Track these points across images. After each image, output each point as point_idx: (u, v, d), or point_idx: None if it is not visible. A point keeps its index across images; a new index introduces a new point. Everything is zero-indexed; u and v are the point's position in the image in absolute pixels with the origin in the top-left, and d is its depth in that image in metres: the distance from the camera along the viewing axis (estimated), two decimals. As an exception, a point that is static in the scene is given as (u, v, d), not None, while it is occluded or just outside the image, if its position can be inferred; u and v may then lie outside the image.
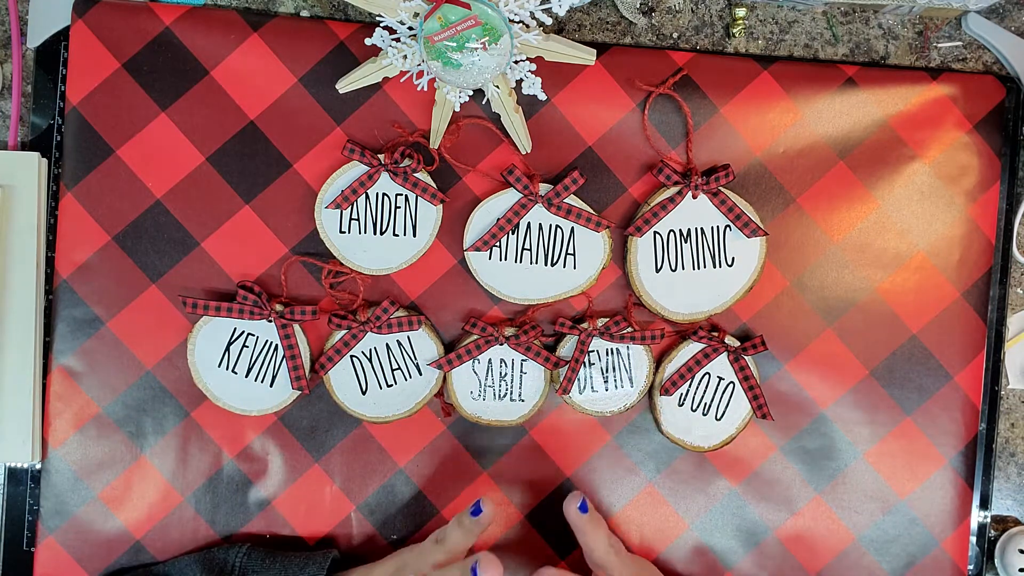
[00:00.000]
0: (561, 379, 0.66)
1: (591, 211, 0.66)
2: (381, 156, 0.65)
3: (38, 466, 0.67)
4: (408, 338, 0.66)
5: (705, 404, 0.67)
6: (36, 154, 0.66)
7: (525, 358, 0.66)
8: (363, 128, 0.66)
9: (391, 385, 0.66)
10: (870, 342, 0.67)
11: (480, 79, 0.60)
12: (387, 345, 0.66)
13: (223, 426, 0.67)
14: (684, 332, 0.67)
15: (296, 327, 0.66)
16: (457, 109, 0.63)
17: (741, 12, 0.66)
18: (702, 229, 0.66)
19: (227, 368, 0.66)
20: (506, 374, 0.66)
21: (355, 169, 0.66)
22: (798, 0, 0.66)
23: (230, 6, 0.67)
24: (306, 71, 0.66)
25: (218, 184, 0.66)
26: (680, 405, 0.67)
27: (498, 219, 0.66)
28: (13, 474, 0.67)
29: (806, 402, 0.68)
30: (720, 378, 0.67)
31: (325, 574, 0.62)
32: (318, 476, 0.68)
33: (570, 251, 0.66)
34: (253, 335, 0.66)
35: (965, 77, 0.67)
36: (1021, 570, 0.67)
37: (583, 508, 0.62)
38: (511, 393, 0.66)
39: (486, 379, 0.66)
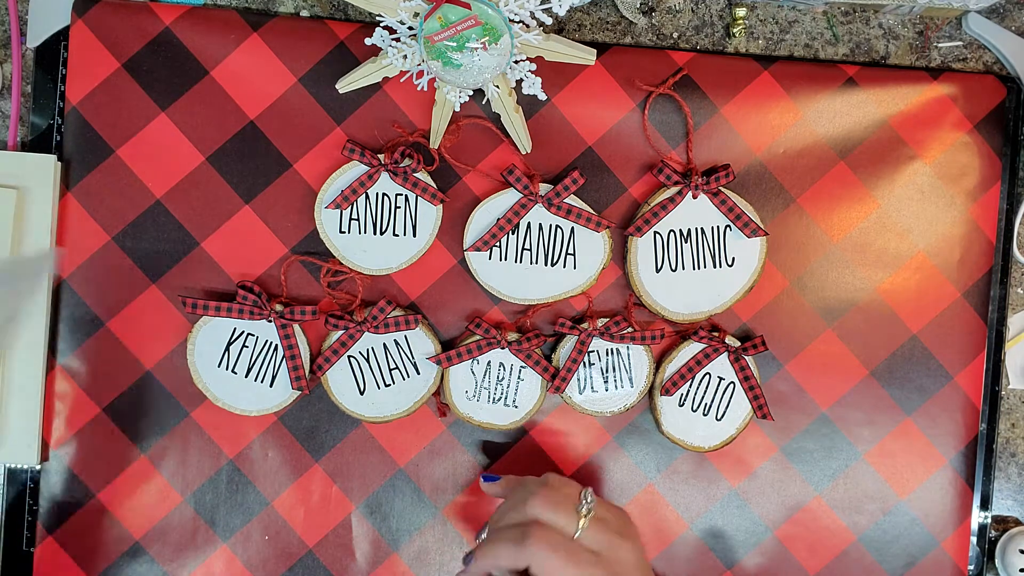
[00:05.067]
0: (554, 378, 0.66)
1: (591, 211, 0.66)
2: (381, 156, 0.65)
3: (38, 466, 0.67)
4: (405, 337, 0.66)
5: (705, 404, 0.67)
6: (52, 157, 0.65)
7: (524, 365, 0.66)
8: (363, 128, 0.66)
9: (389, 385, 0.66)
10: (870, 342, 0.67)
11: (480, 79, 0.59)
12: (384, 345, 0.66)
13: (223, 426, 0.67)
14: (684, 332, 0.67)
15: (296, 327, 0.66)
16: (457, 109, 0.63)
17: (741, 12, 0.66)
18: (702, 229, 0.66)
19: (227, 368, 0.66)
20: (503, 379, 0.66)
21: (355, 169, 0.66)
22: (798, 0, 0.66)
23: (230, 6, 0.67)
24: (306, 71, 0.66)
25: (218, 184, 0.66)
26: (680, 405, 0.67)
27: (498, 219, 0.65)
28: (13, 474, 0.67)
29: (806, 402, 0.67)
30: (720, 378, 0.67)
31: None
32: (318, 476, 0.68)
33: (570, 251, 0.66)
34: (253, 335, 0.66)
35: (966, 77, 0.67)
36: (1022, 570, 0.67)
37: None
38: (505, 398, 0.66)
39: (483, 380, 0.66)
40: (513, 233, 0.66)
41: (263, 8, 0.67)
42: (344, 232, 0.66)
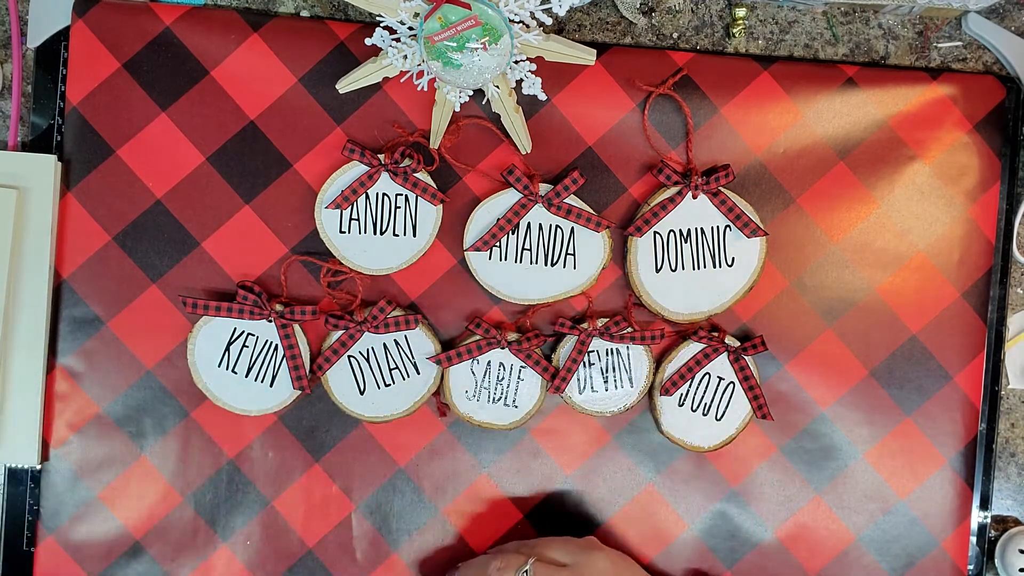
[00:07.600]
0: (554, 378, 0.66)
1: (591, 211, 0.66)
2: (381, 156, 0.65)
3: (38, 466, 0.67)
4: (405, 337, 0.66)
5: (705, 404, 0.67)
6: (53, 157, 0.65)
7: (524, 365, 0.66)
8: (363, 128, 0.66)
9: (389, 385, 0.66)
10: (870, 342, 0.67)
11: (480, 79, 0.60)
12: (384, 345, 0.66)
13: (223, 426, 0.67)
14: (684, 332, 0.67)
15: (296, 327, 0.66)
16: (457, 109, 0.63)
17: (741, 12, 0.66)
18: (702, 229, 0.66)
19: (227, 368, 0.66)
20: (503, 378, 0.66)
21: (355, 169, 0.66)
22: (798, 0, 0.66)
23: (230, 6, 0.67)
24: (306, 71, 0.66)
25: (218, 184, 0.66)
26: (680, 405, 0.67)
27: (498, 219, 0.66)
28: (13, 474, 0.67)
29: (806, 402, 0.67)
30: (720, 378, 0.67)
31: None
32: (318, 476, 0.68)
33: (570, 251, 0.66)
34: (253, 335, 0.66)
35: (965, 77, 0.67)
36: (1021, 570, 0.67)
37: None
38: (505, 398, 0.66)
39: (483, 380, 0.66)
40: (513, 233, 0.66)
41: (263, 8, 0.67)
42: (344, 232, 0.66)
